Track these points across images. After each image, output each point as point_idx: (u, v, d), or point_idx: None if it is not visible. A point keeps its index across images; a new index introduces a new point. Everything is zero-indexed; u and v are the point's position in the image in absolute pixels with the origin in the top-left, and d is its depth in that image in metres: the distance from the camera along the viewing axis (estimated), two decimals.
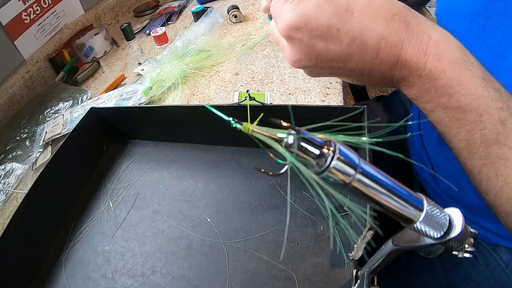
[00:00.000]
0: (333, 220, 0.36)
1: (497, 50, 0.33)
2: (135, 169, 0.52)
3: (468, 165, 0.27)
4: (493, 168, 0.25)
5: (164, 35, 0.85)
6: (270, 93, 0.59)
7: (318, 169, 0.17)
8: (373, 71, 0.27)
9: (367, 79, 0.29)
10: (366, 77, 0.28)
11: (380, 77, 0.28)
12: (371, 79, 0.29)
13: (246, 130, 0.17)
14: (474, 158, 0.26)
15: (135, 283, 0.38)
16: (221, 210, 0.42)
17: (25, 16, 0.81)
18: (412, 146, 0.58)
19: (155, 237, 0.41)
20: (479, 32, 0.35)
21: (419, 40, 0.25)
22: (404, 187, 0.19)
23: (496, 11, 0.32)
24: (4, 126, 0.75)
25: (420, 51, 0.25)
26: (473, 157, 0.26)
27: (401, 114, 0.65)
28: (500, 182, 0.25)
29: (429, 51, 0.25)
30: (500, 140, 0.25)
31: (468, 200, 0.43)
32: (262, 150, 0.46)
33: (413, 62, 0.25)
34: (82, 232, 0.45)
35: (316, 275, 0.34)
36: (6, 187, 0.59)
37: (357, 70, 0.27)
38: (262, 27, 0.81)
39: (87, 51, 0.92)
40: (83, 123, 0.52)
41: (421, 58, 0.25)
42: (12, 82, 0.78)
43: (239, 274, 0.35)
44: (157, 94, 0.66)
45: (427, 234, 0.20)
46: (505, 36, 0.32)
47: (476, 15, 0.34)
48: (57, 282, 0.40)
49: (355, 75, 0.28)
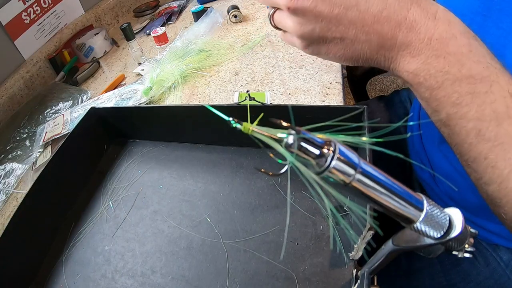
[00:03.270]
0: (333, 220, 0.36)
1: (495, 47, 0.33)
2: (135, 169, 0.52)
3: (473, 152, 0.25)
4: (502, 150, 0.23)
5: (164, 35, 0.85)
6: (270, 93, 0.59)
7: (318, 169, 0.17)
8: (375, 29, 0.25)
9: (364, 41, 0.26)
10: (364, 36, 0.25)
11: (379, 40, 0.25)
12: (368, 43, 0.26)
13: (246, 130, 0.17)
14: (482, 141, 0.24)
15: (135, 283, 0.38)
16: (221, 210, 0.42)
17: (25, 16, 0.81)
18: (411, 146, 0.58)
19: (155, 237, 0.41)
20: (477, 30, 0.35)
21: (429, 4, 0.24)
22: (404, 187, 0.19)
23: (493, 9, 0.32)
24: (4, 126, 0.75)
25: (430, 14, 0.24)
26: (480, 140, 0.24)
27: (401, 114, 0.65)
28: (508, 167, 0.23)
29: (439, 15, 0.24)
30: (510, 115, 0.23)
31: (468, 200, 0.43)
32: (262, 150, 0.46)
33: (422, 23, 0.24)
34: (82, 232, 0.45)
35: (316, 275, 0.34)
36: (6, 187, 0.59)
37: (359, 23, 0.25)
38: (262, 27, 0.81)
39: (87, 51, 0.92)
40: (83, 123, 0.52)
41: (431, 21, 0.24)
42: (12, 82, 0.78)
43: (239, 274, 0.35)
44: (157, 94, 0.66)
45: (427, 234, 0.20)
46: (503, 34, 0.32)
47: (475, 14, 0.34)
48: (57, 282, 0.40)
49: (353, 32, 0.26)
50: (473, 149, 0.25)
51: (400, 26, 0.24)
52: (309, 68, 0.62)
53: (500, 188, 0.25)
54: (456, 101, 0.24)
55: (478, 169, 0.26)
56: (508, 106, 0.23)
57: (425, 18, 0.24)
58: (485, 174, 0.25)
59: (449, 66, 0.24)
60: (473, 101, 0.24)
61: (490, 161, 0.24)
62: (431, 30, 0.24)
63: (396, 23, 0.24)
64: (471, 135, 0.25)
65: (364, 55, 0.27)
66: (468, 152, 0.26)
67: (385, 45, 0.26)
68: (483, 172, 0.25)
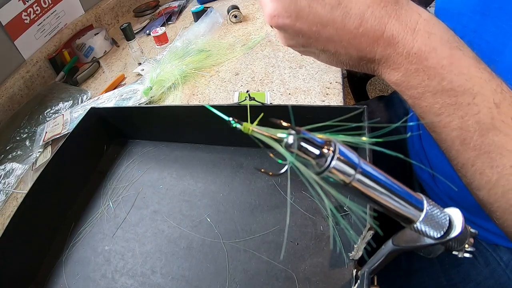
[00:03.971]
0: (333, 220, 0.36)
1: (494, 45, 0.33)
2: (135, 169, 0.52)
3: (460, 159, 0.25)
4: (488, 159, 0.23)
5: (164, 35, 0.85)
6: (270, 93, 0.59)
7: (318, 169, 0.17)
8: (352, 44, 0.25)
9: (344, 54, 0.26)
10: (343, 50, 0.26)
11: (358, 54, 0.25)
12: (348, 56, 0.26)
13: (246, 130, 0.17)
14: (467, 149, 0.24)
15: (135, 283, 0.38)
16: (221, 210, 0.42)
17: (25, 16, 0.81)
18: (411, 146, 0.58)
19: (155, 237, 0.41)
20: (476, 29, 0.35)
21: (408, 17, 0.24)
22: (404, 187, 0.19)
23: (492, 7, 0.32)
24: (4, 126, 0.75)
25: (408, 28, 0.24)
26: (466, 149, 0.24)
27: (401, 114, 0.65)
28: (496, 175, 0.23)
29: (419, 28, 0.24)
30: (496, 126, 0.23)
31: (467, 200, 0.42)
32: (262, 150, 0.46)
33: (400, 38, 0.24)
34: (82, 232, 0.45)
35: (316, 275, 0.34)
36: (6, 187, 0.59)
37: (336, 39, 0.25)
38: (262, 27, 0.81)
39: (87, 51, 0.92)
40: (83, 123, 0.52)
41: (409, 35, 0.23)
42: (12, 82, 0.78)
43: (239, 274, 0.35)
44: (157, 94, 0.66)
45: (427, 234, 0.20)
46: (502, 32, 0.32)
47: (474, 12, 0.34)
48: (57, 282, 0.40)
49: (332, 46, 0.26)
50: (460, 156, 0.25)
51: (378, 42, 0.24)
52: (309, 68, 0.62)
53: (489, 194, 0.25)
54: (438, 111, 0.25)
55: (467, 174, 0.26)
56: (493, 117, 0.23)
57: (404, 31, 0.24)
58: (474, 180, 0.25)
59: (429, 79, 0.24)
60: (455, 113, 0.24)
61: (477, 168, 0.24)
62: (410, 44, 0.24)
63: (373, 39, 0.24)
64: (456, 143, 0.25)
65: (348, 65, 0.28)
66: (456, 158, 0.26)
67: (364, 58, 0.26)
68: (471, 178, 0.25)
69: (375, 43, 0.24)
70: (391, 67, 0.25)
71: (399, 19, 0.24)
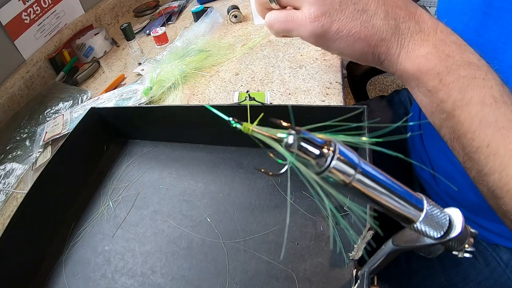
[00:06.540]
0: (333, 220, 0.36)
1: (496, 44, 0.33)
2: (135, 169, 0.52)
3: (476, 141, 0.26)
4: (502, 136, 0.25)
5: (164, 35, 0.85)
6: (270, 93, 0.59)
7: (318, 169, 0.17)
8: (394, 11, 0.27)
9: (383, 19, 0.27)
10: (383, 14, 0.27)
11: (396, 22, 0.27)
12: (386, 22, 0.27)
13: (246, 130, 0.17)
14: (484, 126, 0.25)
15: (135, 283, 0.38)
16: (221, 210, 0.42)
17: (25, 16, 0.81)
18: (412, 146, 0.58)
19: (155, 237, 0.41)
20: (478, 28, 0.35)
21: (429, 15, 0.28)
22: (404, 187, 0.19)
23: (494, 6, 0.32)
24: (4, 126, 0.75)
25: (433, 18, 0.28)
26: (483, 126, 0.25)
27: (401, 114, 0.65)
28: (508, 152, 0.24)
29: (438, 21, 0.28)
30: (506, 101, 0.25)
31: (468, 200, 0.43)
32: (262, 150, 0.46)
33: (427, 18, 0.28)
34: (82, 232, 0.45)
35: (316, 275, 0.34)
36: (6, 187, 0.59)
37: None
38: (262, 27, 0.81)
39: (87, 51, 0.92)
40: (83, 123, 0.52)
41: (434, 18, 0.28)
42: (12, 82, 0.78)
43: (239, 274, 0.35)
44: (157, 94, 0.66)
45: (427, 234, 0.20)
46: (503, 30, 0.32)
47: (475, 11, 0.34)
48: (57, 282, 0.40)
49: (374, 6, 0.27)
50: (476, 137, 0.26)
51: (413, 15, 0.28)
52: (309, 68, 0.62)
53: (501, 177, 0.25)
54: (462, 86, 0.26)
55: (480, 158, 0.26)
56: (502, 92, 0.25)
57: (429, 16, 0.28)
58: (487, 163, 0.26)
59: (454, 53, 0.26)
60: (476, 85, 0.26)
61: (491, 149, 0.25)
62: (436, 23, 0.28)
63: (410, 12, 0.28)
64: (475, 121, 0.26)
65: (379, 35, 0.27)
66: (471, 143, 0.26)
67: (400, 27, 0.27)
68: (484, 161, 0.26)
69: (411, 15, 0.27)
70: (422, 38, 0.27)
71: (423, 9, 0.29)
